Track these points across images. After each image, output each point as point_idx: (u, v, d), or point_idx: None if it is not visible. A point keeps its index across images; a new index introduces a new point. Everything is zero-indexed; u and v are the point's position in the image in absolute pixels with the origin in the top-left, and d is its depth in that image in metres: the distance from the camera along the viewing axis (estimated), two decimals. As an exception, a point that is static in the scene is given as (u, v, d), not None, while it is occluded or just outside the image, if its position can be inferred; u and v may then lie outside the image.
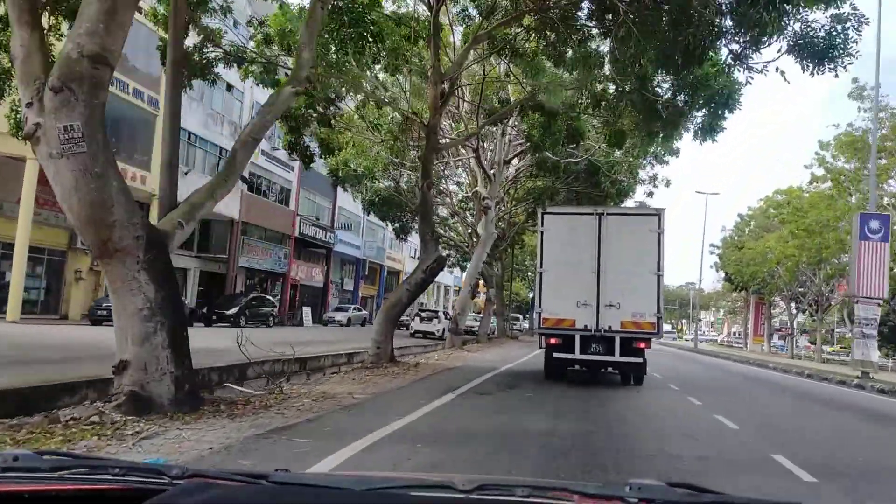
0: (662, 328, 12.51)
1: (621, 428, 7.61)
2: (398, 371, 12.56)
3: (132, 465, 1.30)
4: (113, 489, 1.17)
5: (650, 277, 11.68)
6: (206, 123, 28.79)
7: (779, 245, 45.78)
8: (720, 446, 6.99)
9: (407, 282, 13.98)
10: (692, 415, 9.58)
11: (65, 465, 1.24)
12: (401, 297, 13.91)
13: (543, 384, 12.05)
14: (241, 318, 26.47)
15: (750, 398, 13.49)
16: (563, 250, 12.05)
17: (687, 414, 9.64)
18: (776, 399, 14.02)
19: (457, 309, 21.69)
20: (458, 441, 6.27)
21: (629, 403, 9.62)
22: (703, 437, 7.32)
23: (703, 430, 7.91)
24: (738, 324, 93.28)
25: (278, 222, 36.04)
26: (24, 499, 1.13)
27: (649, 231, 11.94)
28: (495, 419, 7.73)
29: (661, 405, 10.41)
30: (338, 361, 15.67)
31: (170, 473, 1.20)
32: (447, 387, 10.24)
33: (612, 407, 9.53)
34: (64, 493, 1.16)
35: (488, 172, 21.18)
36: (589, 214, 12.31)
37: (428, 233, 13.98)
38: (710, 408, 10.19)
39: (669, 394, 12.44)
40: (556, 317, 11.86)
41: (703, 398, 11.42)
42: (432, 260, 13.85)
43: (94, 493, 1.17)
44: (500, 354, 21.89)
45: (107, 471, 1.24)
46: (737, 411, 9.96)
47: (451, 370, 13.86)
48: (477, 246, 22.34)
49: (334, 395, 8.63)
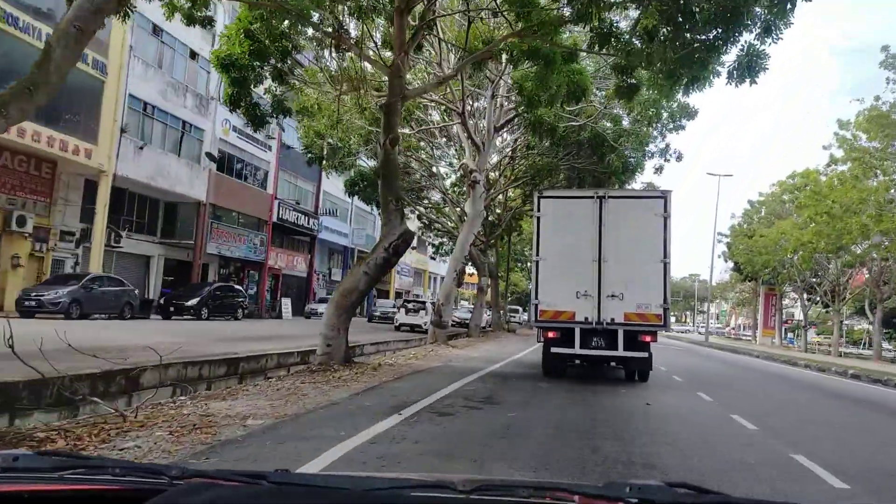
0: (669, 320, 11.55)
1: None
2: (348, 376, 9.72)
3: (132, 466, 1.35)
4: (113, 489, 1.16)
5: (656, 265, 10.93)
6: (166, 93, 25.84)
7: (794, 231, 42.98)
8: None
9: (366, 263, 11.12)
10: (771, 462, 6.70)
11: (65, 466, 1.24)
12: (357, 283, 11.04)
13: (535, 394, 9.24)
14: (202, 310, 23.65)
15: (845, 427, 8.93)
16: (561, 237, 11.34)
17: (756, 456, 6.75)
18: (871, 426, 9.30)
19: (440, 299, 18.80)
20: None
21: (656, 438, 6.48)
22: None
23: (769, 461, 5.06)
24: (744, 315, 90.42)
25: (254, 206, 33.13)
26: (24, 499, 1.12)
27: (655, 215, 11.15)
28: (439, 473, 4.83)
29: (703, 432, 7.54)
30: (287, 362, 12.85)
31: (169, 474, 1.19)
32: (398, 403, 7.40)
33: (638, 445, 6.52)
34: (64, 494, 1.15)
35: (476, 141, 18.29)
36: (589, 198, 11.51)
37: (392, 201, 11.10)
38: (786, 444, 7.31)
39: (704, 407, 9.57)
40: (555, 309, 11.11)
41: (760, 421, 8.52)
42: (397, 235, 11.00)
43: (94, 494, 1.16)
44: (491, 351, 19.05)
45: (107, 471, 1.24)
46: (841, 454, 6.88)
47: (420, 374, 11.02)
48: (463, 226, 19.48)
49: (217, 423, 5.79)
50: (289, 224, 36.34)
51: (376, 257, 11.02)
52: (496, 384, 10.08)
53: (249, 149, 32.42)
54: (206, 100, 28.51)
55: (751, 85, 10.61)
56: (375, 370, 10.82)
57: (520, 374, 12.41)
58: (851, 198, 32.37)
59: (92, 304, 19.63)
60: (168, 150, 26.29)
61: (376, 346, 18.21)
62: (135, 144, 24.10)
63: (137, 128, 24.54)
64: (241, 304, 26.73)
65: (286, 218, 35.79)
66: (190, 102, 27.37)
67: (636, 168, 24.28)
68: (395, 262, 11.42)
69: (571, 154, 24.17)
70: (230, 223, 31.40)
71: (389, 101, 11.01)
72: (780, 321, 60.90)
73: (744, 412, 8.52)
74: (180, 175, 26.72)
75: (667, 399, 10.01)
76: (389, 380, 9.70)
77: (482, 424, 6.58)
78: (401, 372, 10.91)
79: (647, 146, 21.95)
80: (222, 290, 25.93)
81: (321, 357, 10.87)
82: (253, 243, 32.74)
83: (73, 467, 1.23)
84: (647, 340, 11.15)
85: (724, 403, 9.68)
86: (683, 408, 9.00)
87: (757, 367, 22.60)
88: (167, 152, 26.14)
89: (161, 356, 7.54)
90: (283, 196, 36.00)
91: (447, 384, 9.35)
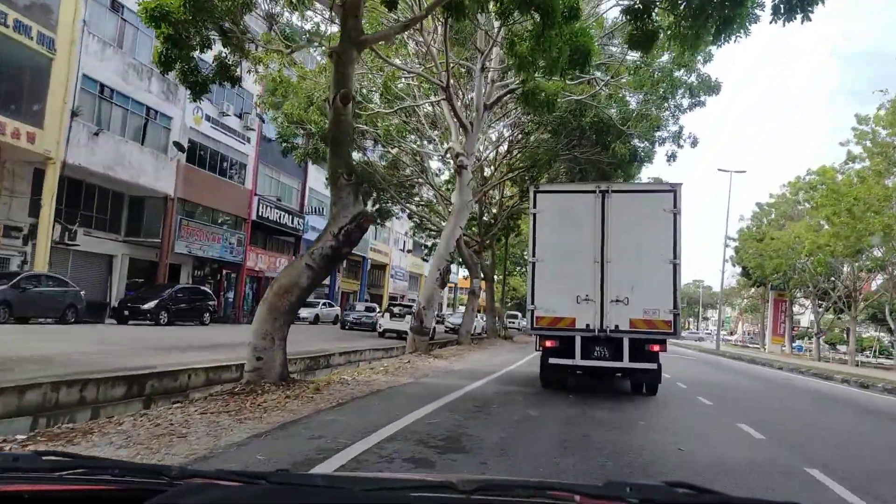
0: (679, 327, 10.50)
1: None
2: (274, 401, 7.29)
3: (132, 466, 1.33)
4: (112, 490, 1.16)
5: (664, 267, 10.03)
6: (127, 75, 23.47)
7: (809, 234, 40.54)
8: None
9: (309, 254, 8.69)
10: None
11: (64, 466, 1.24)
12: (297, 279, 8.60)
13: (521, 430, 6.81)
14: (160, 314, 21.23)
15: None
16: (559, 235, 10.49)
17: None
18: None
19: (421, 301, 16.30)
20: None
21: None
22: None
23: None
24: (749, 322, 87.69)
25: (230, 202, 30.73)
26: (24, 499, 1.11)
27: (663, 211, 10.20)
28: None
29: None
30: (220, 377, 10.53)
31: (169, 474, 1.19)
32: (309, 452, 4.98)
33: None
34: (64, 494, 1.15)
35: (464, 121, 15.89)
36: (590, 192, 10.56)
37: (342, 174, 8.66)
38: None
39: (760, 453, 7.15)
40: (553, 315, 10.23)
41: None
42: (350, 218, 8.60)
43: (94, 494, 1.15)
44: (479, 361, 16.60)
45: (106, 471, 1.24)
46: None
47: (375, 397, 8.54)
48: (449, 217, 17.09)
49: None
50: (271, 223, 33.95)
51: (322, 246, 8.60)
52: (470, 414, 7.61)
53: (225, 140, 30.05)
54: (175, 85, 26.07)
55: (802, 22, 8.24)
56: (318, 391, 8.37)
57: (507, 394, 9.97)
58: (875, 194, 29.98)
59: (26, 307, 17.24)
60: (130, 138, 23.89)
61: (347, 357, 15.81)
62: (89, 130, 21.71)
63: (93, 112, 22.15)
64: (209, 307, 24.28)
65: (267, 216, 33.40)
66: (155, 87, 25.00)
67: (646, 157, 21.90)
68: (346, 252, 8.99)
69: (572, 143, 21.82)
70: (203, 220, 29.01)
71: (341, 48, 8.60)
72: (791, 328, 58.27)
73: (826, 464, 6.07)
74: (144, 165, 24.33)
75: (703, 433, 7.56)
76: (327, 407, 7.25)
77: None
78: (350, 394, 8.45)
79: (658, 130, 19.54)
80: (186, 292, 23.47)
81: (250, 374, 8.47)
82: (229, 243, 30.32)
83: (73, 468, 1.23)
84: (656, 350, 10.18)
85: (789, 445, 7.23)
86: (730, 453, 6.53)
87: (784, 381, 20.08)
88: (128, 140, 23.75)
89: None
90: (263, 192, 33.61)
91: (403, 415, 6.89)
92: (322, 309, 34.91)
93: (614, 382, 12.05)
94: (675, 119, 19.23)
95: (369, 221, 8.78)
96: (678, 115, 19.07)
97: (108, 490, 1.15)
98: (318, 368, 13.81)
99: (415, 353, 15.79)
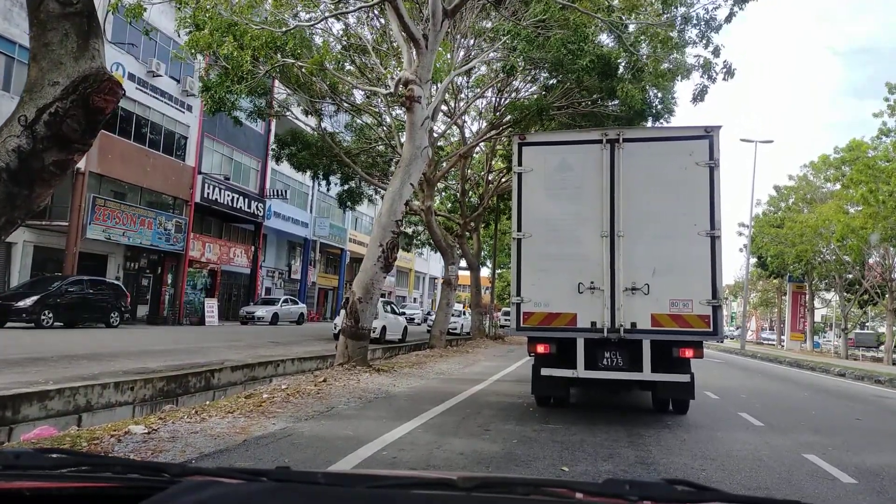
0: (721, 323, 7.63)
1: None
2: None
3: (133, 463, 1.33)
4: (114, 487, 1.14)
5: (699, 241, 7.55)
6: (10, 16, 18.71)
7: (839, 216, 35.86)
8: None
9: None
10: None
11: (66, 463, 1.20)
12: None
13: None
14: (42, 314, 16.48)
15: None
16: (554, 203, 8.07)
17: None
18: None
19: (356, 291, 11.44)
20: None
21: None
22: None
23: None
24: (760, 318, 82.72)
25: (166, 181, 25.94)
26: (26, 497, 1.09)
27: (696, 164, 7.66)
28: None
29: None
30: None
31: (171, 471, 1.16)
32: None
33: None
34: (66, 491, 1.12)
35: (415, 33, 11.13)
36: (595, 142, 8.03)
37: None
38: None
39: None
40: (546, 310, 7.88)
41: None
42: (65, 86, 3.83)
43: (96, 491, 1.13)
44: (441, 376, 11.85)
45: (108, 468, 1.23)
46: None
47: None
48: (396, 170, 12.34)
49: None
50: (220, 207, 29.18)
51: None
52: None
53: (158, 106, 25.28)
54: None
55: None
56: None
57: (447, 454, 5.22)
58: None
59: None
60: (15, 93, 19.15)
61: (246, 372, 11.04)
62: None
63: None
64: (120, 306, 19.51)
65: (215, 198, 28.63)
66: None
67: (664, 107, 17.15)
68: (52, 164, 4.21)
69: (570, 91, 17.07)
70: (129, 201, 24.25)
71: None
72: (812, 323, 53.42)
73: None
74: (38, 130, 19.59)
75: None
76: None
77: None
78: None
79: (679, 52, 14.72)
80: (83, 285, 18.66)
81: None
82: (164, 229, 25.54)
83: (75, 465, 1.20)
84: (688, 356, 7.65)
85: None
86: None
87: (837, 389, 15.23)
88: (14, 96, 19.00)
89: None
90: (210, 170, 28.83)
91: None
92: (283, 307, 30.17)
93: (631, 395, 9.29)
94: (705, 38, 14.16)
95: (112, 89, 4.03)
96: (708, 34, 14.08)
97: (110, 487, 1.14)
98: (183, 394, 9.08)
99: (346, 363, 10.99)
